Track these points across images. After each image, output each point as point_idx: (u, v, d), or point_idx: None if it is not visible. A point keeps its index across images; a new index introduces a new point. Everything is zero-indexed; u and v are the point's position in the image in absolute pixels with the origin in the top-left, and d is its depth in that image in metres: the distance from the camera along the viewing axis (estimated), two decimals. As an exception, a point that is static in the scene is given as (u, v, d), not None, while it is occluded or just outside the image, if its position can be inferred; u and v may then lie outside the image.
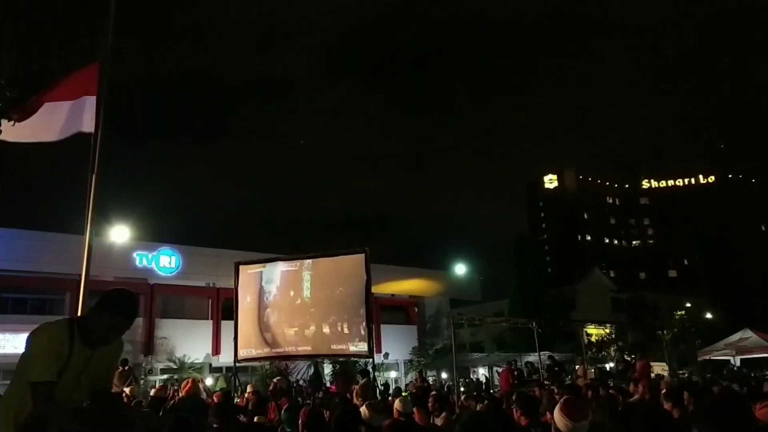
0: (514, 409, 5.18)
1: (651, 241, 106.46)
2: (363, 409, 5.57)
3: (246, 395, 10.45)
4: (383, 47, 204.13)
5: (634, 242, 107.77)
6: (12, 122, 5.79)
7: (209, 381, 22.23)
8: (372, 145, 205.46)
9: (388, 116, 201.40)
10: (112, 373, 3.26)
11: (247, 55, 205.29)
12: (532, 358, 23.30)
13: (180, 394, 9.27)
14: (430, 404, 8.04)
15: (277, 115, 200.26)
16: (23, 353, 2.84)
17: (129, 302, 3.04)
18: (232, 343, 14.22)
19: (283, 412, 6.61)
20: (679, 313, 37.03)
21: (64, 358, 2.80)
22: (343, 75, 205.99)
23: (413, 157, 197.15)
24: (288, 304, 14.14)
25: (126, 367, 13.67)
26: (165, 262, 24.89)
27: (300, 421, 4.66)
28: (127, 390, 10.79)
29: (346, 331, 13.52)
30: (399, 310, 33.60)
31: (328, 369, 23.39)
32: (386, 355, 28.85)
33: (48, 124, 6.25)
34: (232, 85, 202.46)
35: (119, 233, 23.53)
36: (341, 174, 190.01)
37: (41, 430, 2.71)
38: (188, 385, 8.63)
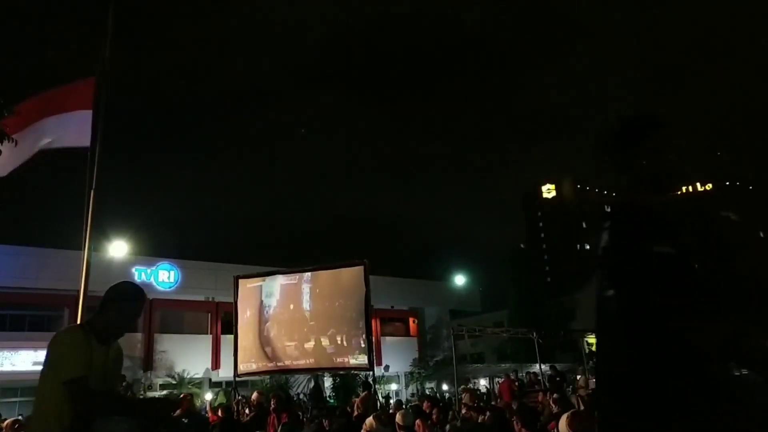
0: (515, 421, 5.16)
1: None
2: (369, 420, 5.56)
3: (252, 398, 10.90)
4: (374, 55, 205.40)
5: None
6: (13, 143, 5.80)
7: (208, 395, 22.13)
8: (364, 155, 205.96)
9: (379, 126, 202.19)
10: (120, 373, 3.31)
11: (239, 66, 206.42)
12: (534, 368, 23.23)
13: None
14: (434, 416, 8.02)
15: (269, 126, 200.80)
16: (49, 359, 2.85)
17: (132, 285, 3.21)
18: (232, 357, 14.18)
19: (281, 426, 6.58)
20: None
21: (90, 356, 2.85)
22: (335, 84, 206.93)
23: (406, 167, 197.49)
24: (288, 317, 14.10)
25: (123, 384, 13.56)
26: (164, 277, 24.86)
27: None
28: None
29: (345, 343, 13.48)
30: (399, 322, 33.53)
31: (328, 382, 23.28)
32: (386, 368, 28.74)
33: (36, 138, 6.22)
34: (225, 97, 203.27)
35: (118, 248, 23.52)
36: (335, 185, 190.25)
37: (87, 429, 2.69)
38: (183, 402, 8.53)
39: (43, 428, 2.83)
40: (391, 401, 19.52)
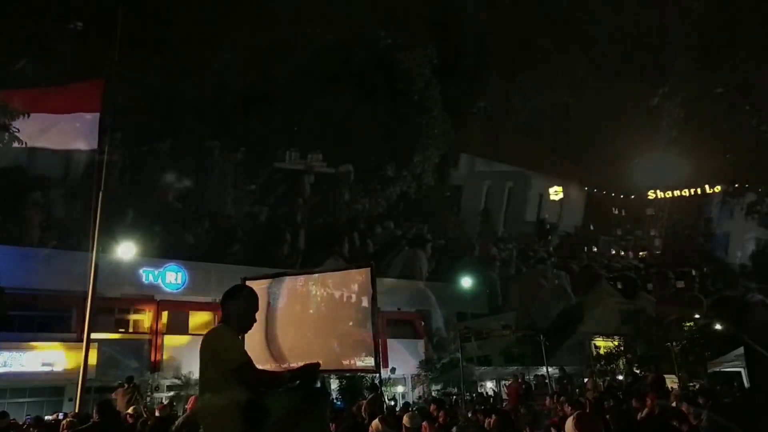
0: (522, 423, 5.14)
1: (658, 252, 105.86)
2: (375, 423, 5.56)
3: None
4: (375, 56, 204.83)
5: (641, 253, 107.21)
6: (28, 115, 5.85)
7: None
8: (367, 154, 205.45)
9: (383, 126, 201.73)
10: None
11: (245, 68, 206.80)
12: (541, 371, 23.14)
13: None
14: (441, 418, 8.00)
15: (271, 125, 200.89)
16: (210, 353, 3.26)
17: (241, 284, 4.06)
18: (239, 358, 14.19)
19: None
20: (688, 324, 36.70)
21: (244, 345, 3.37)
22: (337, 84, 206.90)
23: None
24: (294, 319, 14.07)
25: (131, 384, 13.56)
26: (171, 279, 24.94)
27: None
28: (129, 410, 10.00)
29: (352, 345, 13.46)
30: (405, 324, 33.47)
31: (334, 384, 23.28)
32: (393, 370, 28.69)
33: (46, 131, 6.25)
34: (231, 98, 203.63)
35: (125, 250, 23.61)
36: (339, 186, 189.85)
37: (263, 412, 3.13)
38: (191, 403, 8.57)
39: (221, 409, 3.17)
40: (397, 403, 19.49)
